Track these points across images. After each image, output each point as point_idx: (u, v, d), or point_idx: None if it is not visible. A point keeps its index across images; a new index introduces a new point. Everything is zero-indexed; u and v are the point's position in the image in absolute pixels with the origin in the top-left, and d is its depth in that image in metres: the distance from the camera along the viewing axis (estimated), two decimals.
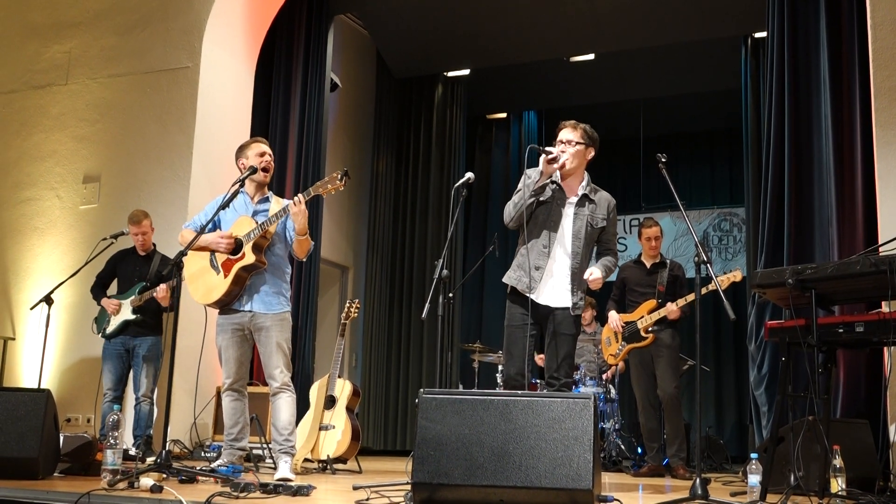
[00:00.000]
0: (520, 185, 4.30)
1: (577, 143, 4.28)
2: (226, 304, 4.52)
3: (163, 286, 5.68)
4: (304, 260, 4.89)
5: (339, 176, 4.26)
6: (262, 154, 4.64)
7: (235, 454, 4.61)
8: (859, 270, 3.46)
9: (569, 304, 4.22)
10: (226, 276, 4.45)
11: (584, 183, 4.35)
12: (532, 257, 4.22)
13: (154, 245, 6.15)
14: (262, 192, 4.72)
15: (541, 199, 4.26)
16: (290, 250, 4.65)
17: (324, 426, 5.51)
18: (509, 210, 4.28)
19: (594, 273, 4.19)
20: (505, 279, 4.32)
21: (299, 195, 4.37)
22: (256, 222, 4.48)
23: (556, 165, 4.21)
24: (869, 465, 4.28)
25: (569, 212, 4.30)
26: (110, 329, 5.92)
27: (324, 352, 8.15)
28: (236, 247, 4.45)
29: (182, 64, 7.02)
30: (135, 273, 6.02)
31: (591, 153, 4.36)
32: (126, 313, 5.90)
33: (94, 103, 7.28)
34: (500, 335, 4.42)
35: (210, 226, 4.55)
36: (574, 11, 8.21)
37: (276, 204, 4.67)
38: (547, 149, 4.21)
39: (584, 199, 4.33)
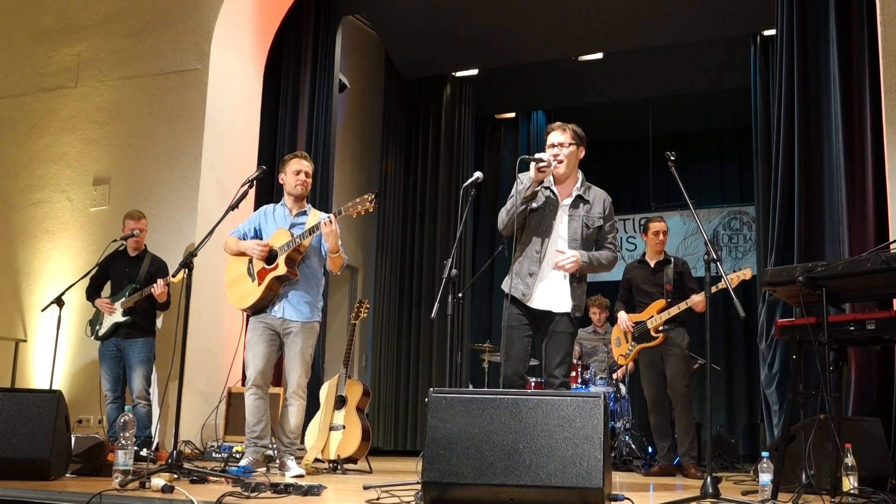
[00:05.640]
0: (513, 191, 4.27)
1: (570, 143, 4.25)
2: (259, 310, 4.76)
3: (160, 281, 5.65)
4: (339, 273, 5.05)
5: (371, 198, 4.49)
6: (298, 173, 4.84)
7: (259, 451, 4.73)
8: (870, 268, 3.44)
9: (568, 308, 4.19)
10: (259, 284, 4.70)
11: (577, 184, 4.32)
12: (526, 264, 4.22)
13: (145, 246, 6.17)
14: (301, 205, 4.93)
15: (533, 205, 4.23)
16: (325, 264, 4.86)
17: (334, 426, 5.52)
18: (502, 217, 4.28)
19: (567, 253, 4.13)
20: (503, 286, 4.26)
21: (330, 215, 4.58)
22: (292, 235, 4.68)
23: (546, 173, 4.18)
24: (881, 463, 4.25)
25: (563, 215, 4.27)
26: (102, 331, 5.95)
27: (334, 352, 8.16)
28: (270, 256, 4.68)
29: (191, 66, 7.04)
30: (125, 274, 6.02)
31: (582, 152, 4.33)
32: (116, 315, 5.92)
33: (103, 106, 7.31)
34: None
35: (251, 235, 4.86)
36: (582, 11, 8.20)
37: (313, 217, 4.85)
38: (538, 156, 4.17)
39: (579, 200, 4.29)
